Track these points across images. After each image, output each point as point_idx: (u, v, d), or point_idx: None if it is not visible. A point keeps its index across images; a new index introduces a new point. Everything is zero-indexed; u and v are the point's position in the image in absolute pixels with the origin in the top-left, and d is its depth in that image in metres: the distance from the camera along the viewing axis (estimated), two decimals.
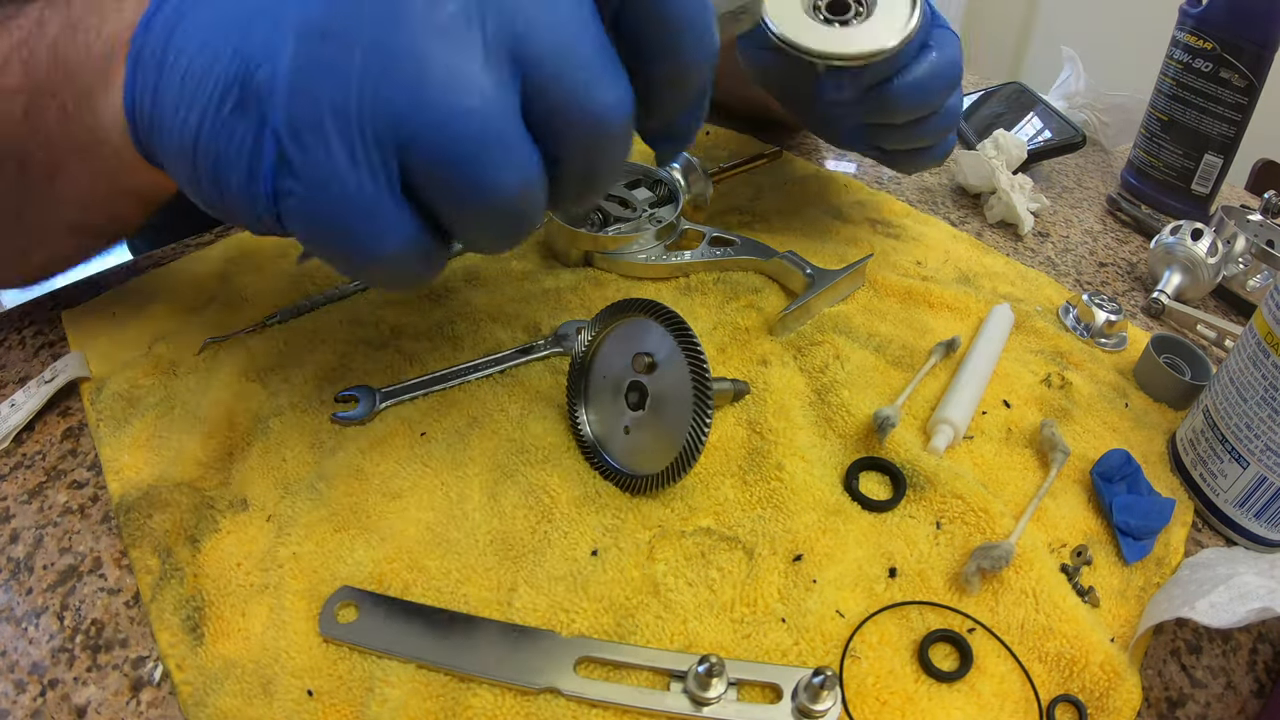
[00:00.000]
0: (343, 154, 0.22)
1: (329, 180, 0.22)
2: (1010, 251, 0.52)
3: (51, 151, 0.31)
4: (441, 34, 0.21)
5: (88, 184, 0.32)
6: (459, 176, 0.22)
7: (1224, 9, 0.53)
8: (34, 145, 0.31)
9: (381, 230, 0.23)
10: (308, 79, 0.21)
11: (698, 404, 0.29)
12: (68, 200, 0.33)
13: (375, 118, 0.21)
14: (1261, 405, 0.30)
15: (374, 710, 0.24)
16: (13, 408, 0.33)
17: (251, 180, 0.23)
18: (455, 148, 0.22)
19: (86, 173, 0.31)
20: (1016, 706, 0.26)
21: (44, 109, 0.30)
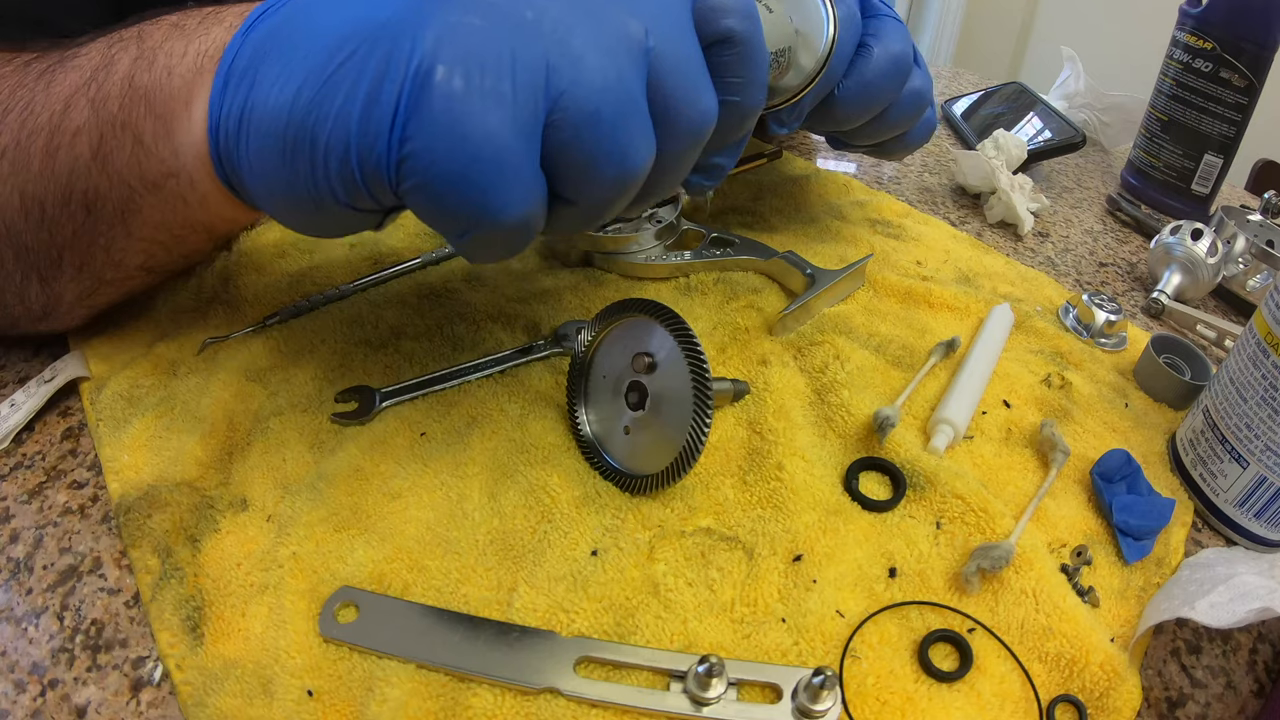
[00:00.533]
0: (494, 104, 0.21)
1: (474, 132, 0.21)
2: (1010, 251, 0.52)
3: (124, 190, 0.30)
4: (588, 14, 0.23)
5: (160, 221, 0.31)
6: (601, 142, 0.23)
7: (1224, 9, 0.53)
8: (104, 184, 0.30)
9: (518, 190, 0.22)
10: (459, 31, 0.21)
11: (698, 404, 0.29)
12: (140, 239, 0.32)
13: (529, 70, 0.22)
14: (1261, 405, 0.30)
15: (374, 710, 0.24)
16: (13, 407, 0.33)
17: (365, 135, 0.22)
18: (603, 112, 0.22)
19: (159, 209, 0.30)
20: (1016, 706, 0.26)
21: (116, 146, 0.29)
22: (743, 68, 0.27)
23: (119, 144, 0.29)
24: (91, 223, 0.31)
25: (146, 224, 0.31)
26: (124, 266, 0.33)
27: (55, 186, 0.30)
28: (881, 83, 0.39)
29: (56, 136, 0.29)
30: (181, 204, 0.30)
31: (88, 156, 0.29)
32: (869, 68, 0.39)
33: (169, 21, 0.30)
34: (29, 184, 0.30)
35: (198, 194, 0.29)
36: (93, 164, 0.29)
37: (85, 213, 0.31)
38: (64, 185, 0.30)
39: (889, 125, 0.42)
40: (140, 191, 0.30)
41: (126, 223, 0.31)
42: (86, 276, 0.33)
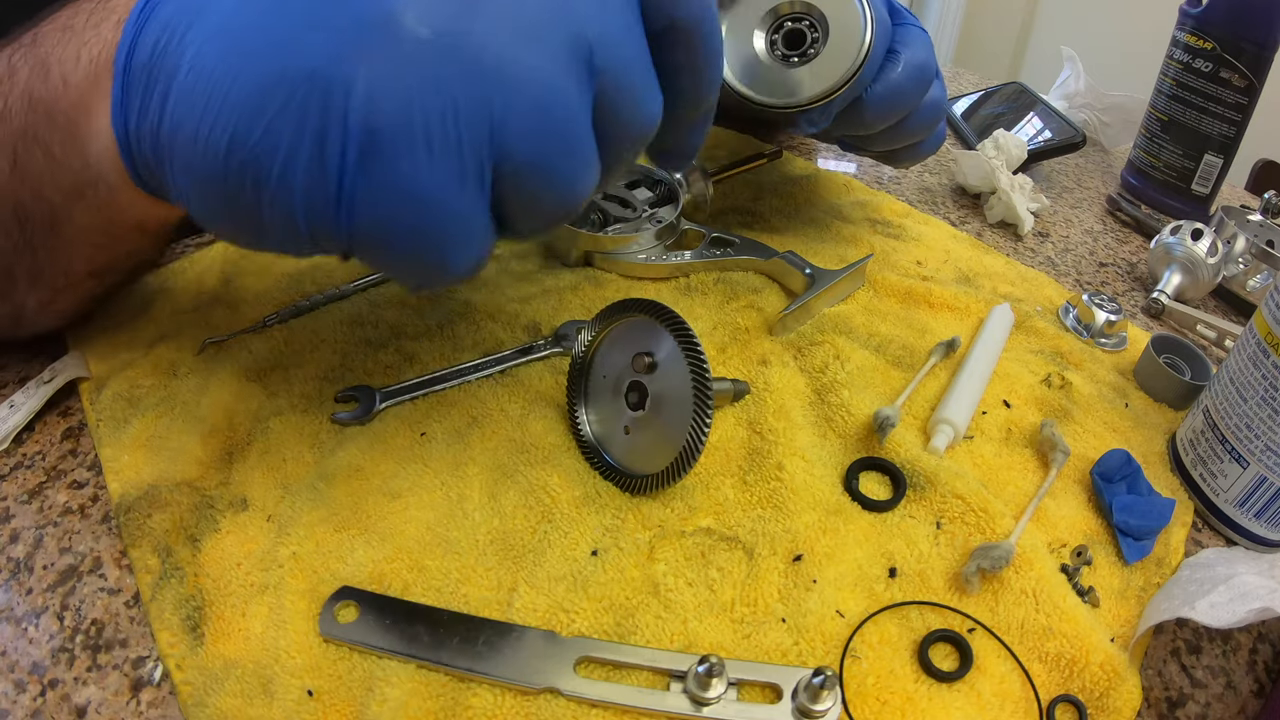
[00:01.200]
0: (441, 162, 0.21)
1: (424, 186, 0.21)
2: (1010, 251, 0.52)
3: (45, 201, 0.29)
4: (529, 37, 0.21)
5: (90, 226, 0.30)
6: (547, 183, 0.22)
7: (1224, 9, 0.53)
8: (26, 197, 0.29)
9: (471, 244, 0.22)
10: (396, 79, 0.20)
11: (698, 404, 0.29)
12: (77, 247, 0.31)
13: (473, 122, 0.21)
14: (1261, 405, 0.30)
15: (374, 710, 0.24)
16: (12, 408, 0.33)
17: (312, 189, 0.21)
18: (549, 154, 0.22)
19: (86, 215, 0.29)
20: (1016, 706, 0.26)
21: (29, 159, 0.28)
22: (692, 52, 0.26)
23: (30, 158, 0.28)
24: (27, 235, 0.30)
25: (78, 231, 0.30)
26: (71, 274, 0.33)
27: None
28: (907, 90, 0.40)
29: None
30: (106, 208, 0.29)
31: (7, 171, 0.29)
32: (897, 74, 0.39)
33: (60, 22, 0.28)
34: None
35: (119, 201, 0.28)
36: (12, 178, 0.29)
37: (18, 226, 0.30)
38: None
39: (906, 133, 0.43)
40: (61, 202, 0.29)
41: (58, 232, 0.30)
42: (41, 287, 0.33)
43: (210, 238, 0.46)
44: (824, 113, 0.40)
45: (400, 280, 0.24)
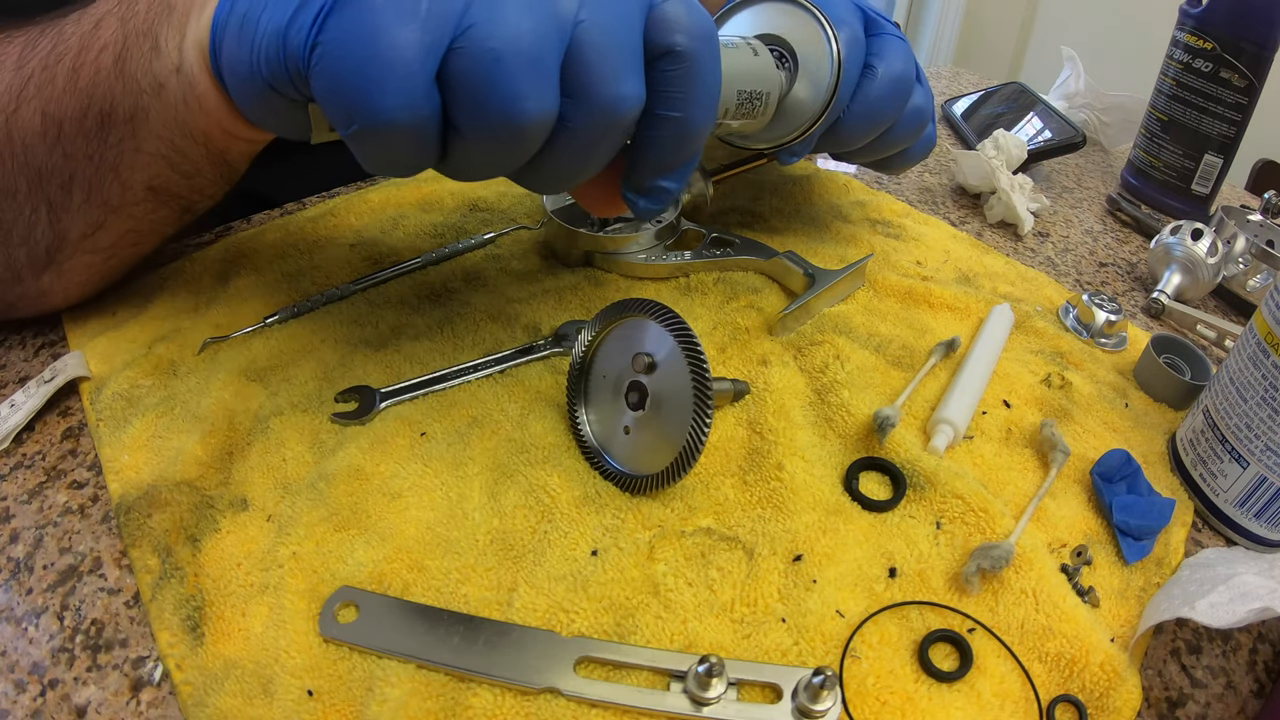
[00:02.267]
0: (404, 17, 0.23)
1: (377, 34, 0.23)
2: (1010, 251, 0.52)
3: (134, 94, 0.32)
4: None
5: (164, 126, 0.32)
6: (495, 81, 0.23)
7: (1224, 9, 0.53)
8: (119, 90, 0.32)
9: (404, 93, 0.23)
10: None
11: (698, 404, 0.29)
12: (146, 152, 0.33)
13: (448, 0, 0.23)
14: (1261, 405, 0.30)
15: (374, 710, 0.24)
16: (13, 408, 0.33)
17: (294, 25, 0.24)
18: (506, 56, 0.23)
19: (163, 113, 0.32)
20: (1016, 706, 0.26)
21: (136, 51, 0.31)
22: (687, 85, 0.27)
23: (138, 49, 0.31)
24: (103, 135, 0.33)
25: (152, 132, 0.32)
26: (131, 188, 0.34)
27: (75, 102, 0.32)
28: (885, 103, 0.40)
29: (84, 54, 0.32)
30: (182, 106, 0.31)
31: (109, 66, 0.31)
32: (873, 89, 0.39)
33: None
34: (51, 104, 0.32)
35: (196, 93, 0.30)
36: (113, 72, 0.31)
37: (99, 125, 0.32)
38: (84, 100, 0.32)
39: (891, 143, 0.43)
40: (148, 93, 0.31)
41: (135, 130, 0.32)
42: (94, 204, 0.34)
43: (210, 238, 0.46)
44: (805, 145, 0.40)
45: (336, 119, 0.25)
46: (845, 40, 0.38)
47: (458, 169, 0.27)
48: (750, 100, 0.35)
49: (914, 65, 0.41)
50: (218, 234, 0.47)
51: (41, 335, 0.39)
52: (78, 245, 0.36)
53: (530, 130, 0.25)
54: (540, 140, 0.26)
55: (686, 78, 0.27)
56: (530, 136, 0.25)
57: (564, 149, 0.26)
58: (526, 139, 0.25)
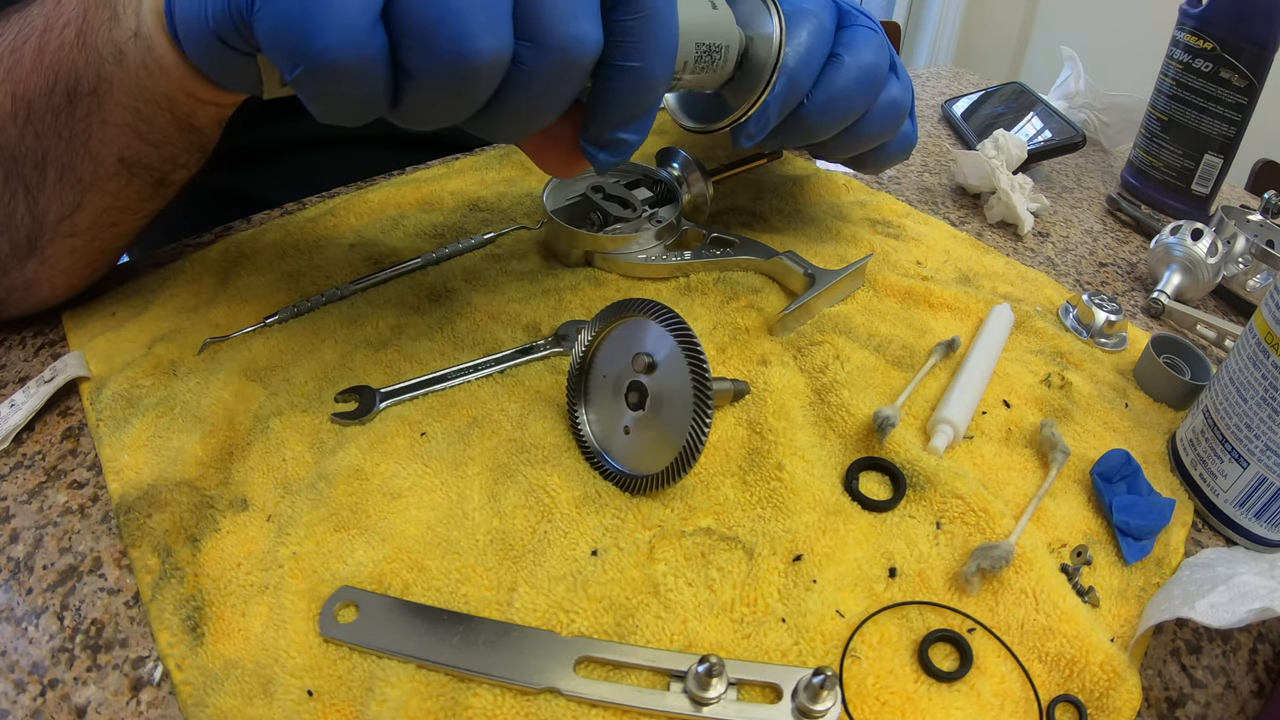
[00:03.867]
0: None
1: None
2: (1010, 251, 0.52)
3: (96, 64, 0.31)
4: None
5: (127, 93, 0.32)
6: (444, 18, 0.23)
7: (1224, 9, 0.53)
8: (82, 62, 0.32)
9: (346, 32, 0.23)
10: None
11: (698, 404, 0.29)
12: (113, 123, 0.33)
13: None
14: (1261, 405, 0.30)
15: (374, 710, 0.24)
16: (13, 408, 0.33)
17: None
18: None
19: (125, 80, 0.32)
20: (1016, 706, 0.26)
21: (96, 21, 0.31)
22: (644, 34, 0.27)
23: (98, 19, 0.31)
24: (71, 110, 0.32)
25: (116, 102, 0.32)
26: (102, 162, 0.34)
27: (41, 80, 0.32)
28: (852, 93, 0.39)
29: (48, 33, 0.32)
30: (143, 71, 0.31)
31: (72, 40, 0.31)
32: (839, 77, 0.39)
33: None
34: (20, 85, 0.32)
35: (154, 55, 0.30)
36: (75, 44, 0.31)
37: (66, 100, 0.32)
38: (50, 76, 0.32)
39: (865, 137, 0.42)
40: (109, 61, 0.31)
41: (100, 102, 0.32)
42: (68, 183, 0.34)
43: (210, 238, 0.46)
44: (758, 123, 0.39)
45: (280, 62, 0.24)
46: (811, 30, 0.37)
47: (410, 114, 0.26)
48: (709, 54, 0.35)
49: (888, 57, 0.41)
50: (217, 234, 0.47)
51: (41, 335, 0.39)
52: (56, 229, 0.36)
53: (483, 71, 0.24)
54: (494, 83, 0.25)
55: (644, 27, 0.26)
56: (483, 78, 0.25)
57: (520, 93, 0.26)
58: (479, 81, 0.25)
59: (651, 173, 0.49)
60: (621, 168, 0.50)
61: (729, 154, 0.58)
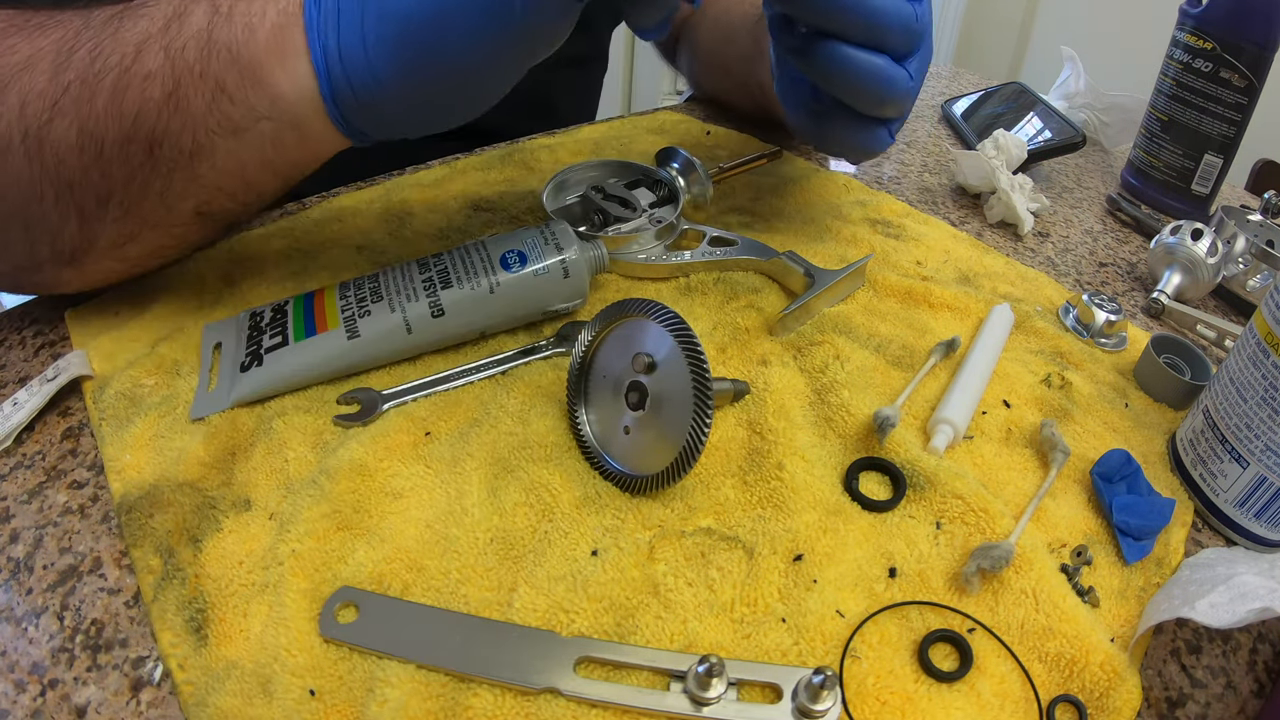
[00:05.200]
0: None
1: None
2: (1010, 251, 0.52)
3: (198, 133, 0.32)
4: None
5: (236, 164, 0.33)
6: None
7: (1224, 9, 0.53)
8: (176, 126, 0.32)
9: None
10: None
11: (698, 404, 0.29)
12: (204, 184, 0.34)
13: None
14: (1261, 405, 0.30)
15: (374, 710, 0.24)
16: (15, 406, 0.33)
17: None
18: None
19: (238, 152, 0.33)
20: (1016, 706, 0.26)
21: (194, 93, 0.31)
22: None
23: (197, 92, 0.31)
24: (151, 164, 0.33)
25: (217, 167, 0.33)
26: (176, 211, 0.35)
27: (119, 125, 0.32)
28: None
29: (126, 78, 0.31)
30: (271, 145, 0.33)
31: (159, 99, 0.31)
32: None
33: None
34: (90, 121, 0.32)
35: (299, 133, 0.33)
36: (165, 106, 0.31)
37: (146, 153, 0.32)
38: (129, 125, 0.32)
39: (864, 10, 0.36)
40: (217, 132, 0.32)
41: (194, 165, 0.33)
42: (132, 219, 0.34)
43: None
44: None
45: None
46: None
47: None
48: None
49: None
50: None
51: (42, 335, 0.39)
52: (104, 253, 0.36)
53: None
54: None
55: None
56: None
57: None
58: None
59: (651, 173, 0.49)
60: (621, 168, 0.50)
61: (729, 154, 0.58)
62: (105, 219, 0.34)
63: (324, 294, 0.37)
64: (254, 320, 0.36)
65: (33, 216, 0.34)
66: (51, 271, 0.37)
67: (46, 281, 0.38)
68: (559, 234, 0.39)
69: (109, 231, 0.35)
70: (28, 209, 0.34)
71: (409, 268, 0.37)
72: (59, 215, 0.34)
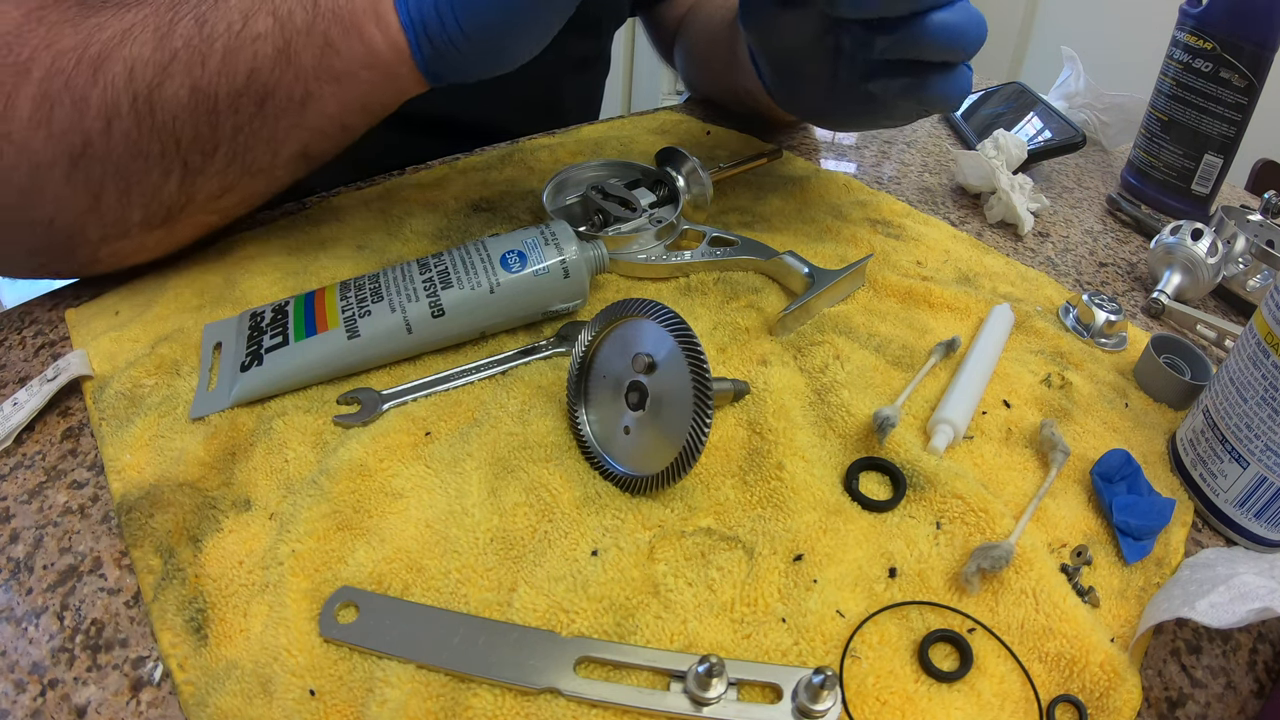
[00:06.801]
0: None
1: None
2: (1010, 251, 0.52)
3: (307, 83, 0.36)
4: None
5: (338, 107, 0.37)
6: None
7: (1224, 9, 0.53)
8: (288, 78, 0.35)
9: None
10: None
11: (698, 404, 0.29)
12: (309, 125, 0.37)
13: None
14: (1261, 405, 0.30)
15: (374, 711, 0.24)
16: (15, 406, 0.33)
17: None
18: None
19: (340, 96, 0.36)
20: (1016, 706, 0.26)
21: (304, 47, 0.35)
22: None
23: (305, 46, 0.35)
24: (261, 115, 0.36)
25: (323, 112, 0.37)
26: (280, 155, 0.38)
27: (230, 82, 0.35)
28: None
29: (237, 40, 0.34)
30: (369, 89, 0.37)
31: (271, 55, 0.35)
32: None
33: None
34: (204, 80, 0.34)
35: (391, 80, 0.36)
36: (277, 62, 0.35)
37: (258, 106, 0.36)
38: (241, 81, 0.35)
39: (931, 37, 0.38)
40: (325, 82, 0.36)
41: (303, 111, 0.36)
42: (234, 169, 0.37)
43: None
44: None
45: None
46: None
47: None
48: None
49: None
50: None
51: (42, 335, 0.39)
52: (202, 206, 0.38)
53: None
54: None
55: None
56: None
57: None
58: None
59: (651, 173, 0.49)
60: (621, 168, 0.50)
61: (729, 154, 0.58)
62: (209, 170, 0.37)
63: (324, 294, 0.37)
64: (254, 320, 0.36)
65: (134, 176, 0.36)
66: (139, 237, 0.38)
67: (126, 251, 0.39)
68: (559, 234, 0.39)
69: (210, 185, 0.37)
70: (131, 169, 0.35)
71: (409, 268, 0.37)
72: (161, 172, 0.36)
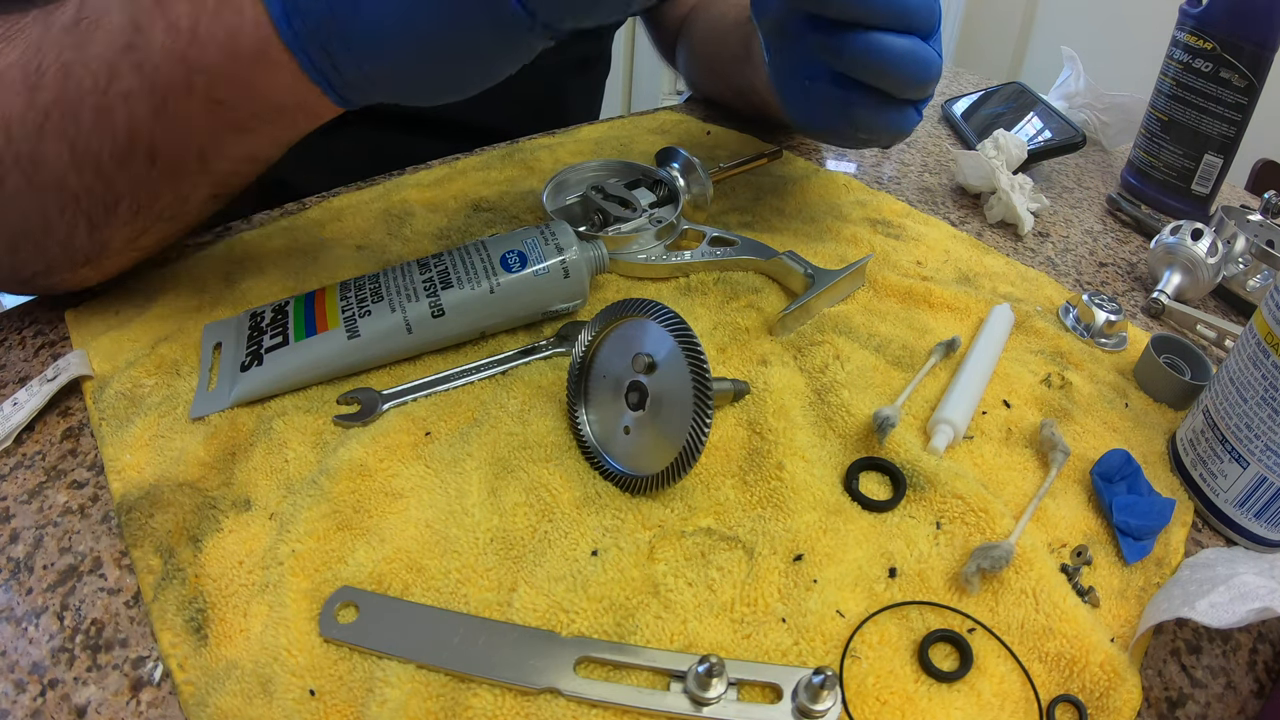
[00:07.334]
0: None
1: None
2: (1010, 251, 0.52)
3: (201, 141, 0.32)
4: None
5: (246, 150, 0.34)
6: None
7: (1224, 9, 0.53)
8: (176, 137, 0.32)
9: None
10: None
11: (698, 404, 0.29)
12: (217, 171, 0.34)
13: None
14: (1261, 405, 0.30)
15: (374, 711, 0.24)
16: (15, 406, 0.33)
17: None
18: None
19: (243, 145, 0.33)
20: (1016, 706, 0.26)
21: (183, 107, 0.31)
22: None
23: (183, 106, 0.30)
24: (155, 170, 0.32)
25: (229, 156, 0.34)
26: (190, 200, 0.35)
27: (112, 142, 0.31)
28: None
29: (107, 99, 0.30)
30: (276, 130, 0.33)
31: (147, 115, 0.31)
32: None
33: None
34: (80, 140, 0.31)
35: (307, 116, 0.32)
36: (157, 120, 0.31)
37: (149, 163, 0.32)
38: (123, 141, 0.31)
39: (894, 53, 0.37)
40: (225, 133, 0.32)
41: (205, 162, 0.33)
42: (143, 218, 0.35)
43: (210, 238, 0.46)
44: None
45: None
46: None
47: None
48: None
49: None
50: (217, 234, 0.47)
51: (42, 335, 0.39)
52: (119, 252, 0.37)
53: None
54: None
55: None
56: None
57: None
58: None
59: (651, 173, 0.49)
60: (621, 168, 0.50)
61: (729, 154, 0.58)
62: (115, 223, 0.34)
63: (324, 294, 0.37)
64: (254, 320, 0.36)
65: (40, 231, 0.34)
66: (69, 274, 0.37)
67: (66, 283, 0.38)
68: (559, 234, 0.39)
69: (120, 234, 0.35)
70: (34, 225, 0.33)
71: (409, 268, 0.37)
72: (67, 227, 0.34)
